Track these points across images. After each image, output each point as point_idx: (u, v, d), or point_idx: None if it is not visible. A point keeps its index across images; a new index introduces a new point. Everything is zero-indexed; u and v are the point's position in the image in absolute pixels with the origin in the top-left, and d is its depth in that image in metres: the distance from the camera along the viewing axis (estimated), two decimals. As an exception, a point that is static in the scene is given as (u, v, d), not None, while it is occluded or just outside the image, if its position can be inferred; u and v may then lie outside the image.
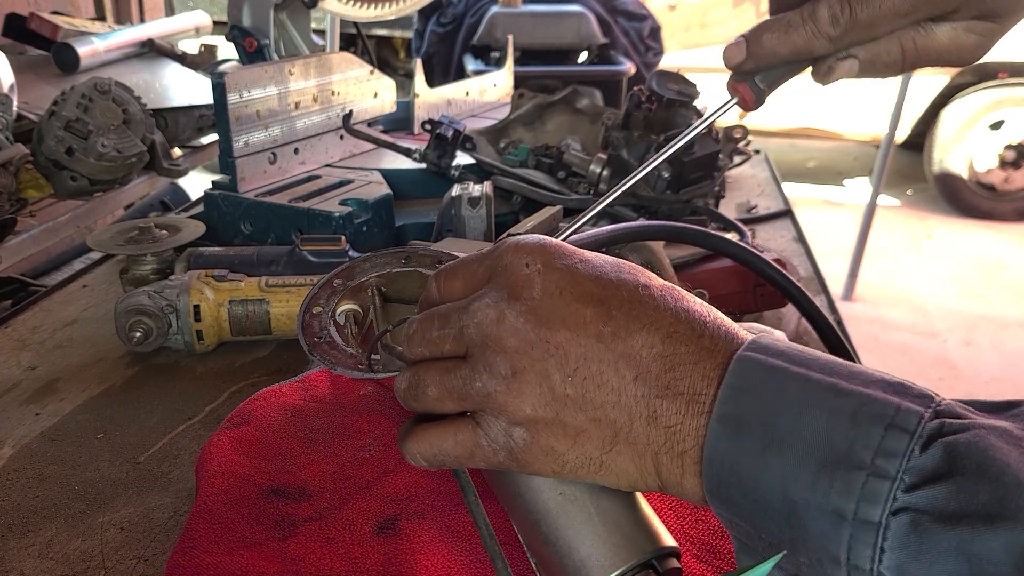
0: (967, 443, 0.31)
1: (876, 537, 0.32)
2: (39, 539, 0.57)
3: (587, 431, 0.39)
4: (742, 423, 0.35)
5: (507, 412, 0.40)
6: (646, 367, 0.38)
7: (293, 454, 0.61)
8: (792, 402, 0.35)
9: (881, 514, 0.32)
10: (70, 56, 1.59)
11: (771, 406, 0.35)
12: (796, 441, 0.34)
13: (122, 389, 0.77)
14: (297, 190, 1.06)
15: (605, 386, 0.38)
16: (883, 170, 3.32)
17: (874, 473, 0.32)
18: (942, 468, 0.31)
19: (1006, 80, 4.17)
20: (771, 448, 0.34)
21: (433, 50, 3.30)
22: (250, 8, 1.27)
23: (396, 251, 0.62)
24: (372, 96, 1.26)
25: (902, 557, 0.31)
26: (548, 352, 0.39)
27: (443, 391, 0.42)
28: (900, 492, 0.31)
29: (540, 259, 0.41)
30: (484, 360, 0.40)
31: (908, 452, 0.32)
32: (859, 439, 0.32)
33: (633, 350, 0.38)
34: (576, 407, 0.39)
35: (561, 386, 0.39)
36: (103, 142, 1.22)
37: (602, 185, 1.05)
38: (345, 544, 0.53)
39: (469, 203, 0.91)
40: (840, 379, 0.35)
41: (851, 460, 0.32)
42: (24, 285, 1.14)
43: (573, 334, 0.39)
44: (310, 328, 0.60)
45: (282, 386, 0.69)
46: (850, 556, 0.32)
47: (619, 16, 3.18)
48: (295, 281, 0.82)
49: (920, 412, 0.32)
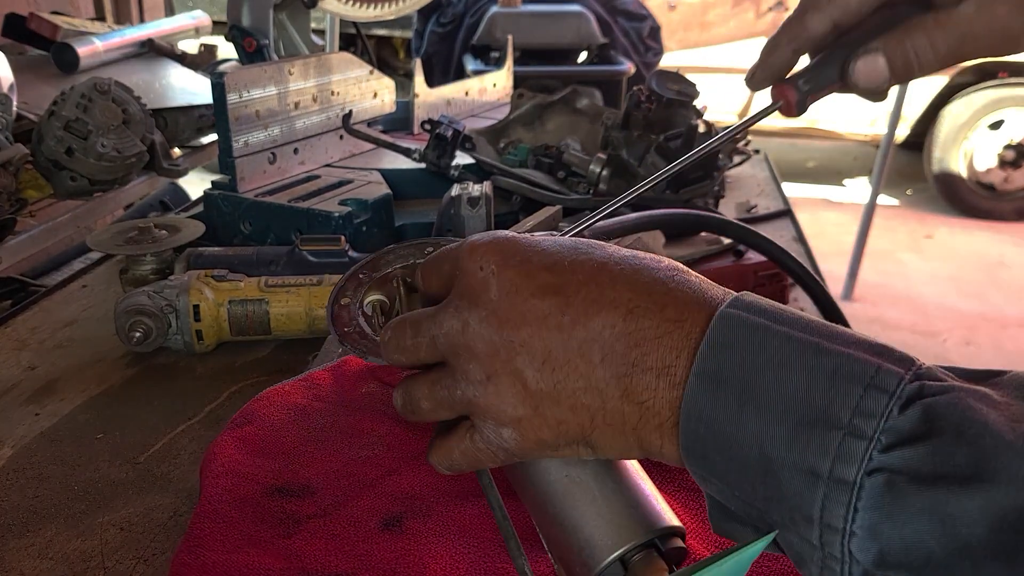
0: (946, 404, 0.31)
1: (850, 496, 0.31)
2: (39, 539, 0.57)
3: (567, 420, 0.39)
4: (721, 379, 0.35)
5: (492, 415, 0.41)
6: (610, 348, 0.38)
7: (297, 452, 0.61)
8: (772, 359, 0.34)
9: (856, 473, 0.31)
10: (70, 56, 1.58)
11: (751, 362, 0.34)
12: (774, 398, 0.34)
13: (122, 389, 0.77)
14: (297, 190, 1.06)
15: (574, 374, 0.39)
16: (883, 170, 3.32)
17: (851, 432, 0.32)
18: (920, 429, 0.31)
19: (1006, 80, 4.17)
20: (748, 404, 0.34)
21: (433, 50, 3.30)
22: (249, 8, 1.27)
23: (419, 242, 0.63)
24: (372, 96, 1.26)
25: (875, 517, 0.31)
26: (514, 351, 0.40)
27: (434, 403, 0.44)
28: (876, 452, 0.31)
29: (493, 259, 0.42)
30: (460, 368, 0.42)
31: (886, 412, 0.31)
32: (837, 398, 0.32)
33: (594, 333, 0.38)
34: (551, 400, 0.39)
35: (534, 382, 0.39)
36: (103, 142, 1.22)
37: (602, 185, 1.05)
38: (350, 541, 0.53)
39: (469, 203, 0.91)
40: (822, 339, 0.34)
41: (828, 419, 0.32)
42: (24, 285, 1.14)
43: (535, 329, 0.39)
44: (340, 319, 0.62)
45: (284, 385, 0.69)
46: (823, 515, 0.32)
47: (619, 16, 3.18)
48: (295, 281, 0.82)
49: (900, 373, 0.32)
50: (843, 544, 0.32)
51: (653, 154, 1.01)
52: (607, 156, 1.05)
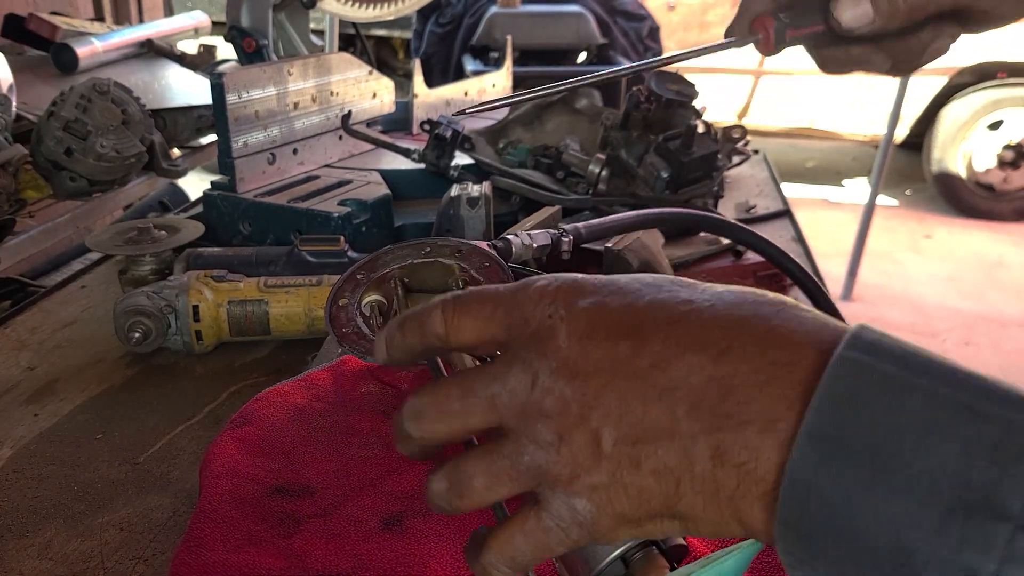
0: None
1: None
2: (38, 540, 0.57)
3: (649, 488, 0.33)
4: (842, 444, 0.28)
5: (562, 483, 0.34)
6: (697, 397, 0.32)
7: (297, 452, 0.61)
8: (914, 423, 0.27)
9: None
10: (69, 56, 1.58)
11: (884, 425, 0.28)
12: (918, 474, 0.27)
13: (121, 390, 0.77)
14: (296, 190, 1.06)
15: (654, 429, 0.32)
16: (882, 170, 3.32)
17: (1023, 526, 0.25)
18: None
19: (1005, 80, 4.17)
20: (880, 478, 0.27)
21: (432, 50, 3.31)
22: (249, 8, 1.27)
23: (417, 242, 0.64)
24: (371, 96, 1.26)
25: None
26: (588, 406, 0.33)
27: (491, 478, 0.36)
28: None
29: (563, 303, 0.36)
30: (527, 431, 0.35)
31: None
32: (1005, 480, 0.26)
33: (678, 380, 0.32)
34: (630, 463, 0.33)
35: (609, 441, 0.33)
36: (102, 142, 1.22)
37: (601, 185, 1.05)
38: (351, 541, 0.53)
39: (468, 203, 0.91)
40: (975, 397, 0.27)
41: (992, 506, 0.26)
42: (23, 286, 1.14)
43: (609, 378, 0.33)
44: (338, 320, 0.63)
45: (284, 385, 0.69)
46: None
47: (618, 16, 3.18)
48: (294, 281, 0.82)
49: None
50: None
51: (652, 154, 1.01)
52: (606, 156, 1.05)
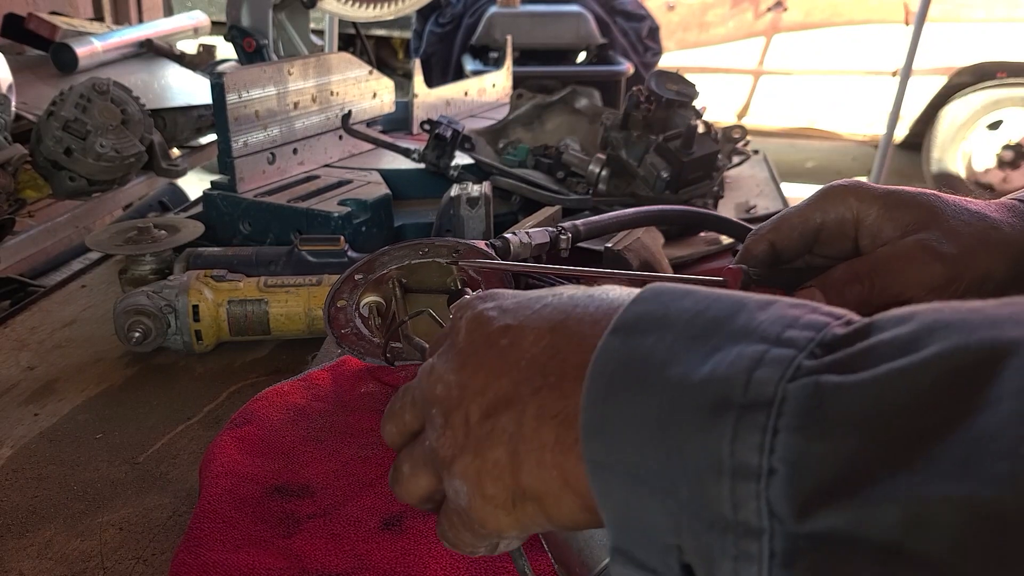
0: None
1: (768, 414, 0.25)
2: (38, 539, 0.57)
3: (500, 459, 0.35)
4: (637, 328, 0.31)
5: (447, 466, 0.37)
6: (534, 363, 0.35)
7: (296, 452, 0.61)
8: (697, 301, 0.31)
9: (777, 384, 0.26)
10: (68, 56, 1.58)
11: (672, 307, 0.31)
12: (697, 325, 0.29)
13: (121, 389, 0.77)
14: (296, 190, 1.06)
15: (503, 399, 0.35)
16: (882, 170, 3.32)
17: (776, 343, 0.27)
18: (857, 335, 0.27)
19: (1004, 80, 4.17)
20: (663, 337, 0.30)
21: (432, 50, 3.30)
22: (249, 8, 1.27)
23: (414, 243, 0.64)
24: (371, 96, 1.26)
25: (800, 440, 0.25)
26: (463, 386, 0.37)
27: (410, 464, 0.39)
28: (804, 359, 0.26)
29: (468, 306, 0.40)
30: (427, 418, 0.38)
31: (822, 331, 0.27)
32: (766, 321, 0.28)
33: (524, 350, 0.35)
34: (487, 435, 0.35)
35: (475, 417, 0.36)
36: (101, 142, 1.22)
37: (601, 185, 1.05)
38: (351, 540, 0.53)
39: (468, 203, 0.91)
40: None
41: (756, 334, 0.28)
42: (23, 285, 1.14)
43: (480, 359, 0.37)
44: (337, 321, 0.63)
45: (283, 385, 0.69)
46: (735, 451, 0.26)
47: (618, 16, 3.18)
48: (294, 281, 0.82)
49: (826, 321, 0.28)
50: (760, 497, 0.25)
51: (652, 154, 1.01)
52: (606, 156, 1.05)
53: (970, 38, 4.17)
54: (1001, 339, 0.23)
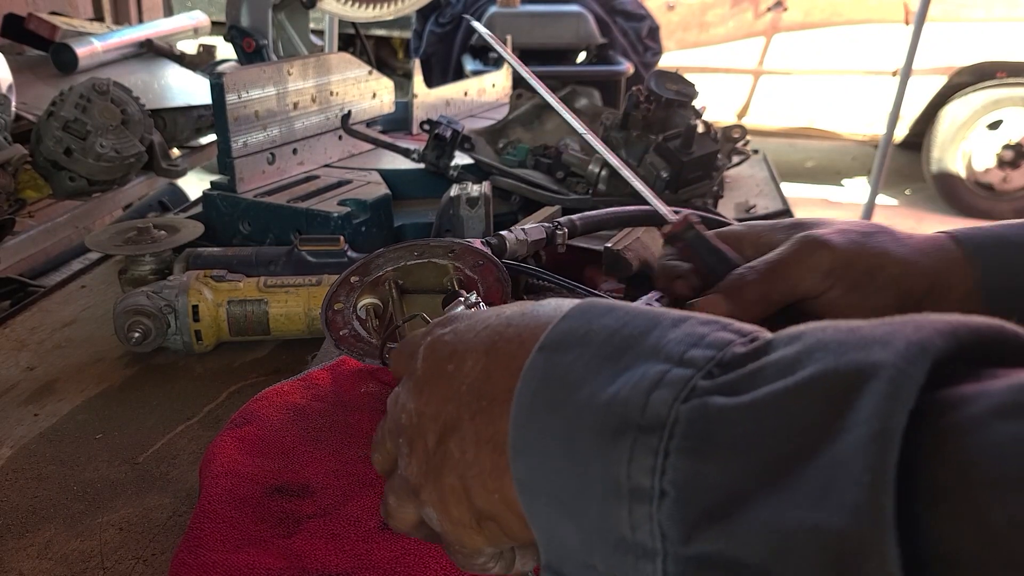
0: None
1: (661, 436, 0.26)
2: (38, 539, 0.57)
3: (453, 485, 0.35)
4: (561, 345, 0.31)
5: (418, 496, 0.37)
6: (472, 386, 0.35)
7: (296, 452, 0.61)
8: (617, 318, 0.31)
9: (671, 405, 0.26)
10: (68, 56, 1.58)
11: (595, 323, 0.31)
12: (612, 343, 0.30)
13: (121, 389, 0.77)
14: (296, 190, 1.06)
15: (450, 423, 0.36)
16: (881, 170, 3.32)
17: (680, 363, 0.27)
18: (753, 355, 0.27)
19: (1004, 80, 4.17)
20: (581, 355, 0.30)
21: (431, 50, 3.30)
22: (248, 8, 1.27)
23: (409, 244, 0.64)
24: (371, 96, 1.26)
25: (689, 462, 0.25)
26: (421, 414, 0.37)
27: (395, 496, 0.39)
28: (700, 379, 0.26)
29: (429, 334, 0.40)
30: (398, 447, 0.39)
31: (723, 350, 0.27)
32: (674, 340, 0.29)
33: (465, 373, 0.36)
34: (442, 460, 0.36)
35: (432, 443, 0.36)
36: (101, 142, 1.22)
37: (600, 185, 1.05)
38: (350, 540, 0.53)
39: (468, 203, 0.91)
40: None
41: (662, 353, 0.28)
42: (23, 286, 1.14)
43: (433, 386, 0.37)
44: (334, 323, 0.63)
45: (283, 385, 0.69)
46: (631, 472, 0.26)
47: (617, 16, 3.18)
48: (294, 281, 0.82)
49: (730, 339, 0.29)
50: (653, 519, 0.25)
51: (652, 154, 1.01)
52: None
53: (970, 38, 4.17)
54: (867, 361, 0.23)
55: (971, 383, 0.23)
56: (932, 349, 0.23)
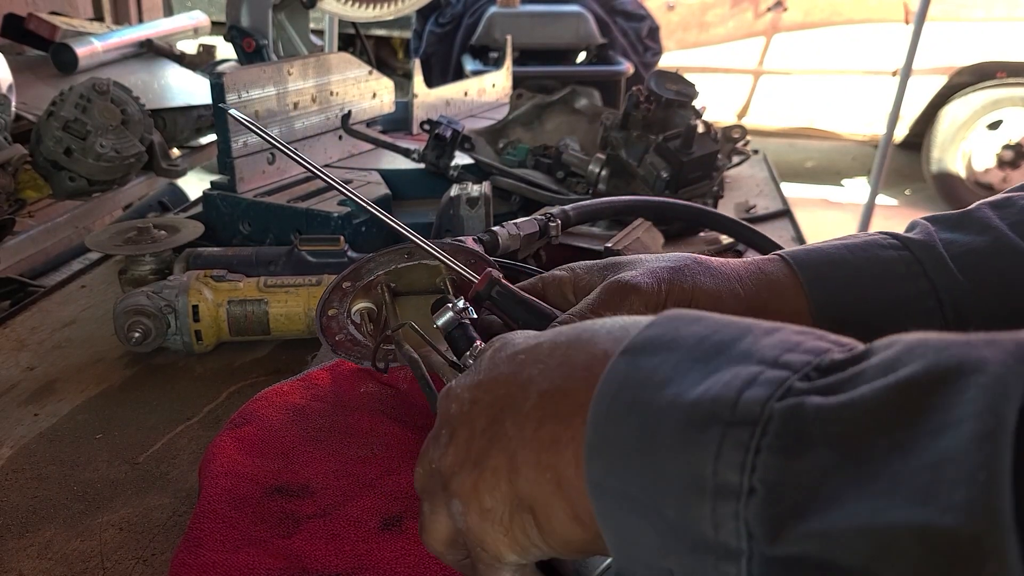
0: None
1: (752, 433, 0.25)
2: (38, 539, 0.57)
3: (497, 465, 0.35)
4: (645, 350, 0.31)
5: (446, 483, 0.38)
6: (546, 368, 0.36)
7: (296, 452, 0.61)
8: (707, 326, 0.31)
9: (764, 404, 0.25)
10: (68, 56, 1.58)
11: (682, 330, 0.31)
12: (702, 348, 0.30)
13: (121, 389, 0.77)
14: (296, 190, 1.06)
15: (507, 402, 0.36)
16: (881, 170, 3.32)
17: (775, 365, 0.27)
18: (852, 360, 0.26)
19: (1004, 80, 4.17)
20: (667, 359, 0.30)
21: (432, 50, 3.30)
22: (248, 8, 1.27)
23: (398, 248, 0.63)
24: (371, 96, 1.26)
25: (779, 461, 0.24)
26: (475, 402, 0.37)
27: (430, 502, 0.39)
28: (796, 380, 0.26)
29: (499, 339, 0.42)
30: (435, 440, 0.40)
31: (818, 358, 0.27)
32: (768, 345, 0.28)
33: (538, 360, 0.36)
34: (489, 441, 0.36)
35: (480, 426, 0.36)
36: (101, 142, 1.22)
37: (601, 185, 1.05)
38: (350, 541, 0.53)
39: (468, 203, 0.91)
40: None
41: (755, 357, 0.28)
42: (23, 286, 1.14)
43: (491, 379, 0.38)
44: (330, 329, 0.63)
45: (283, 385, 0.69)
46: (717, 470, 0.25)
47: (617, 16, 3.18)
48: (294, 281, 0.82)
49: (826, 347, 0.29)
50: (739, 518, 0.25)
51: (652, 154, 1.01)
52: (606, 156, 1.05)
53: (970, 38, 4.17)
54: (970, 357, 0.23)
55: None
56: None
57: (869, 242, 0.57)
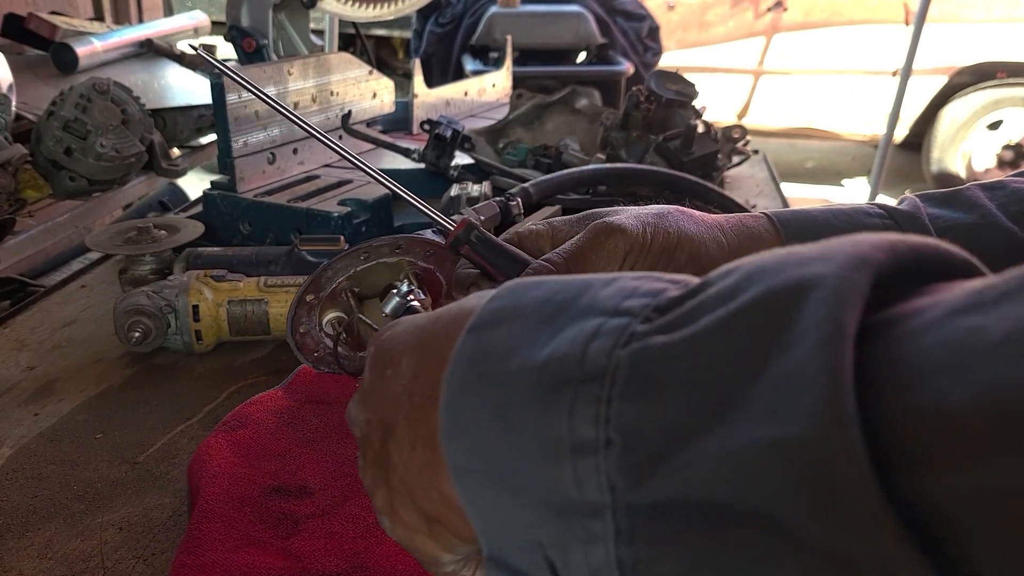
0: None
1: (603, 384, 0.24)
2: (38, 539, 0.57)
3: (400, 488, 0.35)
4: (490, 323, 0.30)
5: (372, 500, 0.37)
6: (406, 386, 0.35)
7: (292, 454, 0.61)
8: (547, 288, 0.30)
9: (611, 350, 0.25)
10: (68, 56, 1.59)
11: (524, 297, 0.30)
12: (545, 311, 0.28)
13: (121, 389, 0.77)
14: (296, 190, 1.06)
15: (391, 415, 0.35)
16: (881, 170, 3.32)
17: (615, 314, 0.26)
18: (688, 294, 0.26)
19: (1004, 80, 4.17)
20: (512, 328, 0.29)
21: (432, 50, 3.30)
22: (249, 8, 1.27)
23: (354, 250, 0.63)
24: (371, 96, 1.26)
25: (632, 408, 0.24)
26: (370, 424, 0.37)
27: (379, 511, 0.39)
28: (638, 324, 0.25)
29: (373, 344, 0.40)
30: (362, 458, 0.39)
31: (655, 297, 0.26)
32: (606, 296, 0.27)
33: (400, 376, 0.36)
34: (387, 458, 0.35)
35: (377, 444, 0.36)
36: (102, 142, 1.22)
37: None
38: (350, 540, 0.53)
39: (468, 203, 0.91)
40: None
41: (597, 309, 0.27)
42: (23, 285, 1.14)
43: (375, 394, 0.37)
44: (305, 347, 0.63)
45: (277, 391, 0.69)
46: (572, 424, 0.25)
47: (618, 16, 3.18)
48: (294, 281, 0.82)
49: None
50: (600, 471, 0.24)
51: (652, 154, 1.01)
52: (606, 156, 1.05)
53: (970, 38, 4.17)
54: (808, 275, 0.22)
55: (921, 297, 0.22)
56: (873, 261, 0.22)
57: (855, 209, 0.58)
